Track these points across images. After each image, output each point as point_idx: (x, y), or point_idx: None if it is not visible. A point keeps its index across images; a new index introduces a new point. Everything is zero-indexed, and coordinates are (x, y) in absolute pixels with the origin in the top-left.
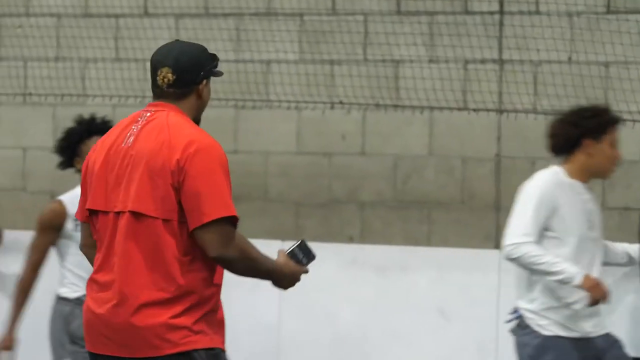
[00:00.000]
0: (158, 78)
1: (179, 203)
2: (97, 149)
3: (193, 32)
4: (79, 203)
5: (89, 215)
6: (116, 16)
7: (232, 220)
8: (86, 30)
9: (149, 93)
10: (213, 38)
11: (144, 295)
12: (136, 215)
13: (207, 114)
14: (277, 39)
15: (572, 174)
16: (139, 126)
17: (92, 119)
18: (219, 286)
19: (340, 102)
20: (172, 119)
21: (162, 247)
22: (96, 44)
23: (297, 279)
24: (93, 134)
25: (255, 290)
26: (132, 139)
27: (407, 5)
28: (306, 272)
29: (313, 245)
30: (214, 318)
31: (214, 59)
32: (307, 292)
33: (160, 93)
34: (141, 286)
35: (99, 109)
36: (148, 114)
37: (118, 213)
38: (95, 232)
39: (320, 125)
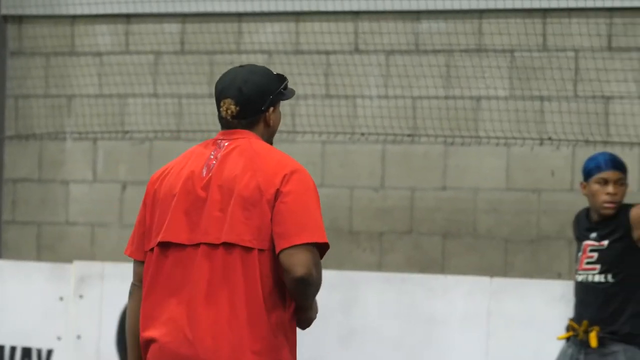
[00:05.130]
0: (222, 109)
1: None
2: (165, 178)
3: (403, 69)
4: (134, 237)
5: (152, 250)
6: (327, 53)
7: (322, 247)
8: (297, 67)
9: (358, 130)
10: (423, 74)
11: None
12: (232, 246)
13: (416, 149)
14: (487, 75)
15: None
16: (220, 155)
17: None
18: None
19: (550, 139)
20: (257, 145)
21: (259, 279)
22: (307, 80)
23: (315, 317)
24: None
25: (462, 330)
26: (214, 168)
27: (618, 41)
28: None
29: (521, 282)
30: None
31: (281, 81)
32: (516, 329)
33: (226, 124)
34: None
35: (307, 147)
36: (226, 143)
37: (211, 245)
38: (156, 268)
39: (530, 161)
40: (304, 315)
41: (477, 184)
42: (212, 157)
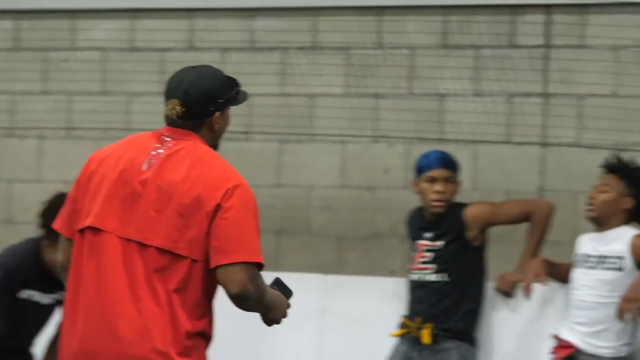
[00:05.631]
0: (167, 108)
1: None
2: (103, 162)
3: (238, 67)
4: (65, 213)
5: (82, 231)
6: (162, 50)
7: (258, 265)
8: (132, 64)
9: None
10: (258, 72)
11: (159, 341)
12: (163, 252)
13: (251, 147)
14: (323, 72)
15: None
16: (163, 154)
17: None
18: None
19: (385, 136)
20: (202, 152)
21: (188, 287)
22: (142, 78)
23: (286, 314)
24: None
25: (293, 328)
26: (155, 165)
27: (453, 39)
28: (289, 306)
29: (355, 279)
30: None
31: (232, 86)
32: (349, 326)
33: (171, 122)
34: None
35: None
36: (169, 139)
37: (142, 245)
38: (80, 250)
39: (364, 158)
40: (264, 317)
41: (311, 182)
42: (154, 153)
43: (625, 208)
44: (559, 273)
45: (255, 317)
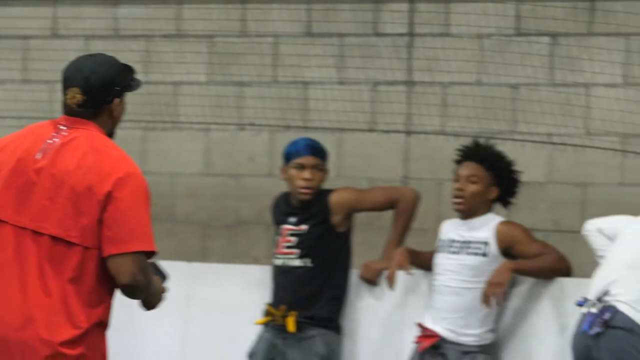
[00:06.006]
0: (67, 97)
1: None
2: (1, 152)
3: None
4: None
5: None
6: (25, 38)
7: (149, 254)
8: None
9: (58, 115)
10: (122, 59)
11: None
12: (57, 240)
13: (117, 134)
14: (187, 60)
15: None
16: (58, 142)
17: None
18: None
19: (250, 124)
20: (96, 141)
21: (82, 275)
22: (5, 65)
23: (163, 299)
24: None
25: (157, 317)
26: (50, 154)
27: (317, 27)
28: (165, 290)
29: (219, 267)
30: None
31: (128, 73)
32: (214, 314)
33: (70, 111)
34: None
35: (7, 131)
36: (64, 128)
37: (37, 233)
38: None
39: (229, 146)
40: (145, 303)
41: (176, 169)
42: (50, 142)
43: (491, 197)
44: (423, 261)
45: (119, 306)
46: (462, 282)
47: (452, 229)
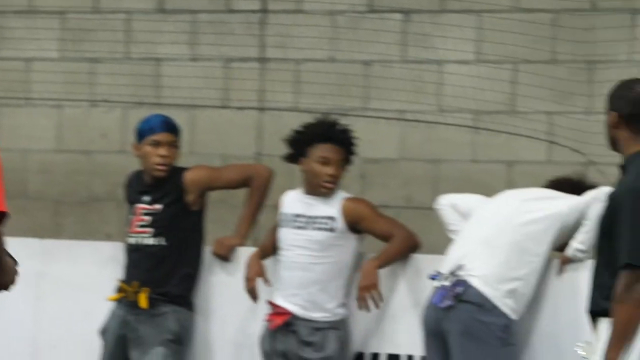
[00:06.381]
0: None
1: None
2: None
3: None
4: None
5: None
6: None
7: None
8: None
9: None
10: None
11: None
12: None
13: None
14: (39, 36)
15: None
16: None
17: (333, 125)
18: None
19: (102, 100)
20: None
21: None
22: None
23: (15, 280)
24: (328, 140)
25: (7, 294)
26: None
27: (170, 3)
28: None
29: (71, 243)
30: None
31: None
32: (66, 291)
33: None
34: None
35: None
36: None
37: None
38: None
39: (81, 123)
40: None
41: (27, 146)
42: None
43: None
44: (272, 247)
45: None
46: (310, 258)
47: (295, 202)
